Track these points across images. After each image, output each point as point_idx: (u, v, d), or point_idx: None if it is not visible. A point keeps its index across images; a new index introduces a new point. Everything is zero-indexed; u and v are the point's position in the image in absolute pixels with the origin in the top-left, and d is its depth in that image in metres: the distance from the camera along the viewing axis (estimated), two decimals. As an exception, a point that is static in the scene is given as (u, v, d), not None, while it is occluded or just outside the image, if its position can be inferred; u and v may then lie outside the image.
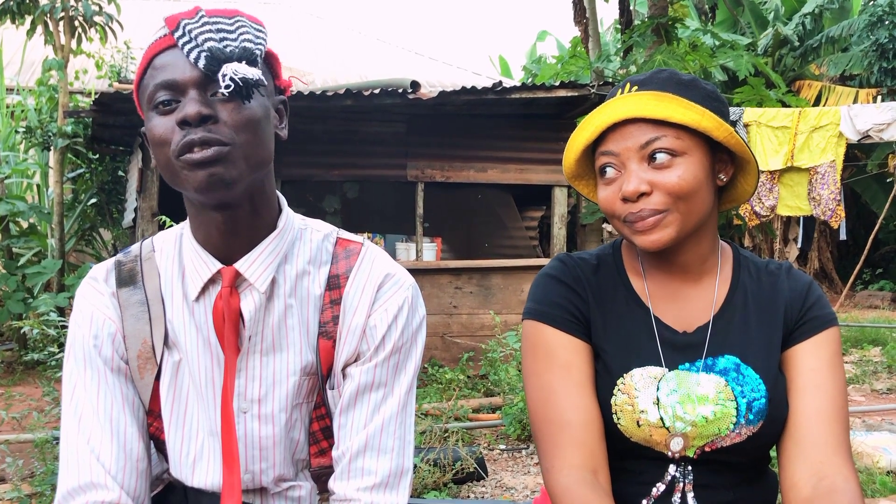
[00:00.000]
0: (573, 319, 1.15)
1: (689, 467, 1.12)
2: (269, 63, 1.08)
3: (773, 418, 1.10)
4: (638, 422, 1.10)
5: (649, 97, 1.07)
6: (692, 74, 1.16)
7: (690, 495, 1.11)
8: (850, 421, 4.18)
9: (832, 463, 1.05)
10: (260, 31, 1.02)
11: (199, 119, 0.95)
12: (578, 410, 1.10)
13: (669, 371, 1.12)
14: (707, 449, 1.11)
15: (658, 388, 1.11)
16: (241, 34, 0.99)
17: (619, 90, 1.13)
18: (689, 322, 1.16)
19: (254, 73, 0.96)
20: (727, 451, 1.11)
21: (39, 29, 6.24)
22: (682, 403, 1.10)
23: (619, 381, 1.12)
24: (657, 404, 1.10)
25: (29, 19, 6.20)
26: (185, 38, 0.97)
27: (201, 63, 0.96)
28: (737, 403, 1.09)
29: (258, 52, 0.99)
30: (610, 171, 1.10)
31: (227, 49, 0.96)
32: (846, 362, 6.38)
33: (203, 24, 0.97)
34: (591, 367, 1.14)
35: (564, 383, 1.11)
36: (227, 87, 0.95)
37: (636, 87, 1.11)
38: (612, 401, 1.11)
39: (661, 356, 1.13)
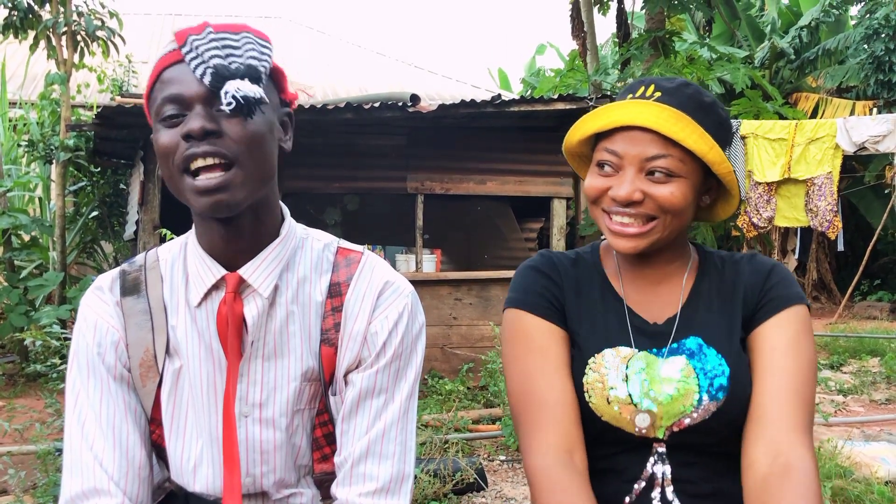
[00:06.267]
0: (549, 306, 1.20)
1: (666, 461, 1.15)
2: (275, 77, 1.10)
3: (736, 394, 1.13)
4: (608, 399, 1.14)
5: (669, 113, 1.10)
6: (714, 96, 1.20)
7: (670, 489, 1.14)
8: (849, 431, 4.17)
9: (788, 441, 1.07)
10: (266, 46, 1.04)
11: (202, 134, 0.98)
12: (554, 391, 1.14)
13: (639, 351, 1.17)
14: (675, 429, 1.14)
15: (627, 367, 1.15)
16: (246, 50, 1.01)
17: (642, 87, 1.16)
18: (659, 315, 1.21)
19: (255, 90, 0.98)
20: (696, 431, 1.14)
21: (42, 43, 6.28)
22: (650, 381, 1.15)
23: (590, 361, 1.17)
24: (626, 381, 1.14)
25: (32, 34, 6.25)
26: (192, 55, 0.99)
27: (206, 79, 0.98)
28: (698, 380, 1.13)
29: (262, 69, 1.02)
30: (607, 168, 1.15)
31: (233, 66, 0.99)
32: (845, 372, 6.38)
33: (210, 41, 1.00)
34: (567, 352, 1.19)
35: (541, 366, 1.16)
36: (229, 104, 0.98)
37: (659, 94, 1.14)
38: (584, 380, 1.16)
39: (632, 339, 1.18)
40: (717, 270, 1.24)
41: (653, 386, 1.14)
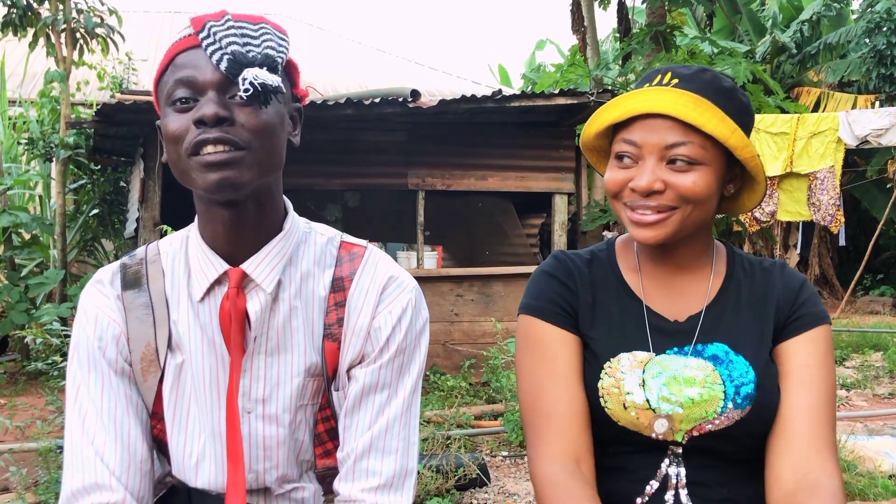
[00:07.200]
0: (562, 312, 1.18)
1: (681, 463, 1.13)
2: (288, 71, 1.10)
3: (762, 404, 1.11)
4: (624, 404, 1.12)
5: (688, 98, 1.07)
6: (733, 82, 1.15)
7: (684, 492, 1.11)
8: (853, 426, 4.19)
9: (817, 459, 1.06)
10: (283, 39, 1.04)
11: (215, 120, 0.97)
12: (563, 402, 1.12)
13: (657, 355, 1.14)
14: (695, 433, 1.12)
15: (644, 371, 1.13)
16: (264, 41, 1.01)
17: (658, 75, 1.13)
18: (681, 312, 1.18)
19: (273, 79, 0.98)
20: (716, 437, 1.12)
21: (41, 41, 6.27)
22: (669, 385, 1.12)
23: (605, 365, 1.14)
24: (643, 386, 1.12)
25: (31, 31, 6.24)
26: (210, 40, 0.99)
27: (223, 66, 0.97)
28: (724, 387, 1.11)
29: (279, 59, 1.01)
30: (626, 160, 1.12)
31: (250, 54, 0.98)
32: (847, 367, 6.38)
33: (228, 28, 0.99)
34: (579, 359, 1.16)
35: (552, 375, 1.14)
36: (247, 91, 0.97)
37: (676, 81, 1.10)
38: (599, 384, 1.13)
39: (650, 342, 1.15)
40: (746, 274, 1.21)
41: (673, 389, 1.11)
